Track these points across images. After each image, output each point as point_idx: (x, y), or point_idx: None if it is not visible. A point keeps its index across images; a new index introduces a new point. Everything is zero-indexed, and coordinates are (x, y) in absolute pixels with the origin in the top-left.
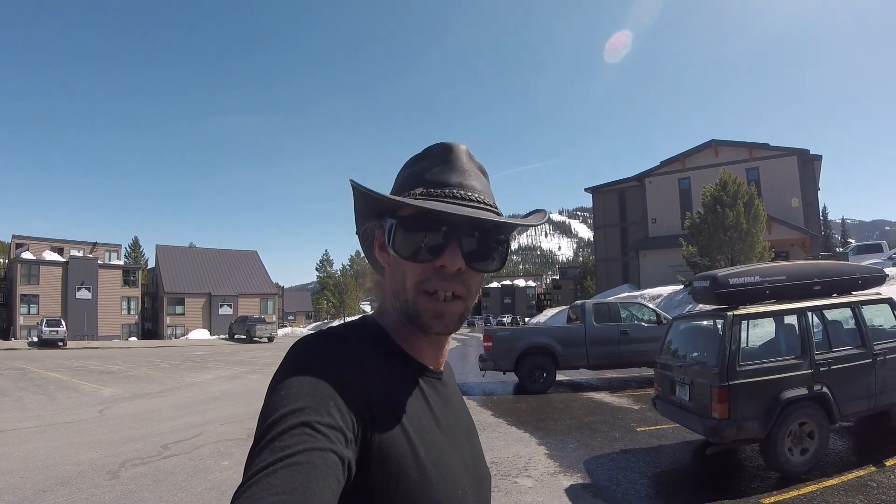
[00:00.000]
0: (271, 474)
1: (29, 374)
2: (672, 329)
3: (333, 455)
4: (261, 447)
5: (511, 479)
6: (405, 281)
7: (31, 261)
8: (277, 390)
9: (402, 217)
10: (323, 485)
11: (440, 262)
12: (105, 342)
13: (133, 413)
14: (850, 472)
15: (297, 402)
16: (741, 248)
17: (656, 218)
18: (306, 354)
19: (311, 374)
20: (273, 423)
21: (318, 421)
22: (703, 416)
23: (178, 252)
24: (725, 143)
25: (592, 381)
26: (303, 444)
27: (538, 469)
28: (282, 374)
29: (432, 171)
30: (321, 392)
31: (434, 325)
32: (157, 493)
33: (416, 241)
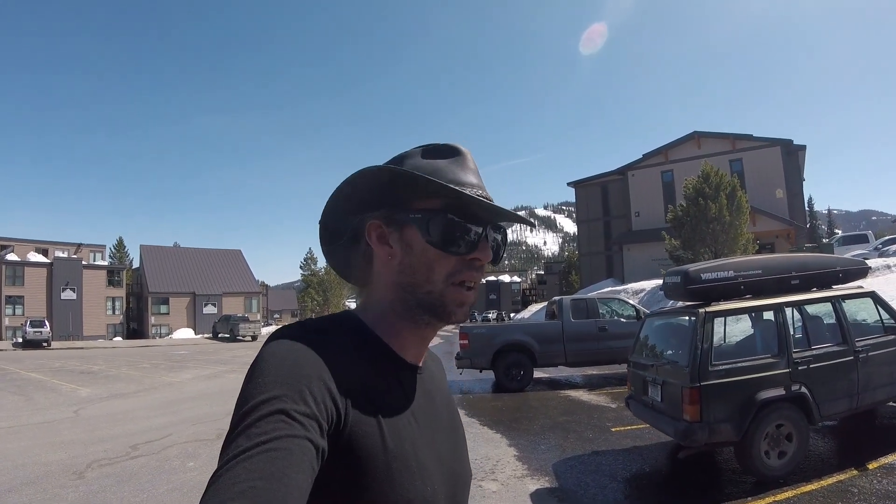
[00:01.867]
0: (247, 459)
1: (9, 375)
2: (645, 326)
3: (308, 443)
4: (237, 433)
5: (476, 483)
6: (431, 272)
7: (16, 262)
8: (254, 378)
9: (437, 210)
10: (298, 471)
11: (475, 255)
12: (89, 342)
13: (107, 413)
14: (830, 475)
15: (273, 391)
16: (725, 241)
17: (639, 211)
18: (283, 344)
19: (287, 364)
20: (249, 411)
21: (294, 409)
22: (675, 417)
23: (162, 252)
24: (708, 135)
25: (572, 379)
26: (279, 430)
27: (505, 472)
28: (258, 363)
29: (454, 171)
30: (297, 381)
31: (458, 313)
32: (119, 493)
33: (458, 234)
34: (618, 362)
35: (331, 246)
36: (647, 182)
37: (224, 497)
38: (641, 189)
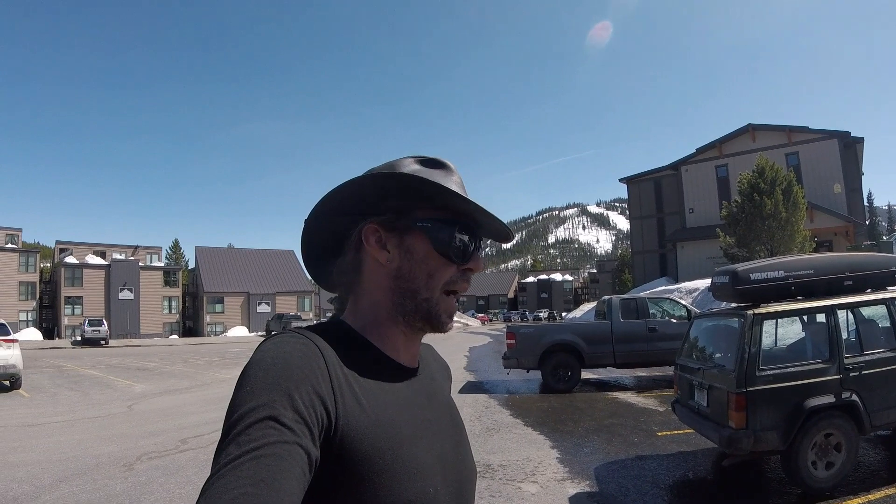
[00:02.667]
0: (238, 467)
1: (67, 372)
2: (693, 328)
3: (299, 448)
4: (227, 441)
5: (515, 485)
6: (431, 279)
7: (75, 264)
8: (244, 385)
9: (448, 220)
10: (289, 477)
11: (470, 265)
12: (146, 340)
13: (160, 408)
14: (879, 489)
15: (263, 397)
16: (781, 238)
17: (693, 208)
18: (273, 350)
19: (276, 370)
20: (239, 418)
21: (284, 415)
22: (720, 424)
23: (217, 253)
24: (763, 128)
25: (621, 380)
26: (269, 437)
27: (546, 475)
28: (248, 370)
29: (448, 183)
30: (287, 387)
31: (448, 322)
32: (166, 485)
33: (462, 245)
34: (668, 364)
35: (315, 250)
36: (701, 177)
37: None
38: (695, 184)
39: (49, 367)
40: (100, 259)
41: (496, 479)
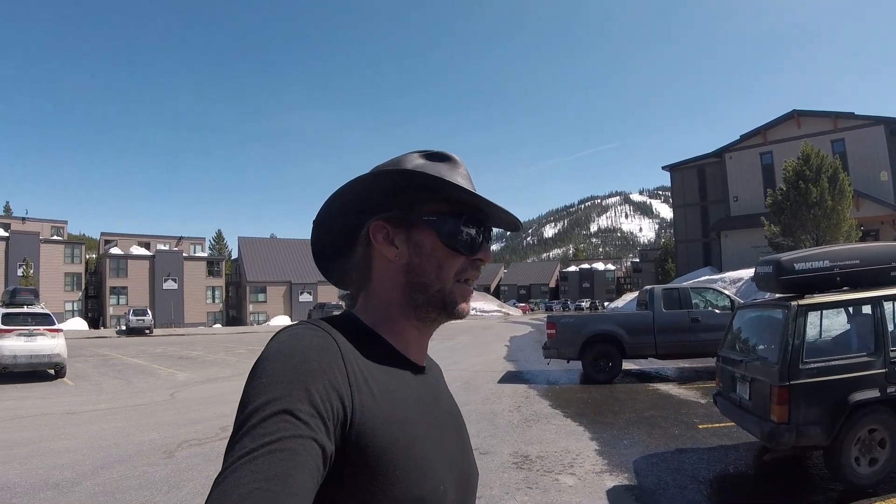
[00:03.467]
0: (252, 461)
1: (111, 361)
2: (736, 318)
3: (314, 443)
4: (241, 434)
5: (553, 476)
6: (441, 271)
7: (119, 255)
8: (258, 377)
9: (454, 213)
10: (303, 472)
11: (479, 256)
12: (190, 329)
13: (202, 396)
14: None
15: (277, 390)
16: (826, 227)
17: (738, 196)
18: (289, 343)
19: (292, 363)
20: (255, 410)
21: (300, 409)
22: (762, 417)
23: (259, 243)
24: (808, 114)
25: (663, 371)
26: (283, 431)
27: (584, 467)
28: (263, 362)
29: (454, 176)
30: (302, 380)
31: (464, 309)
32: (205, 472)
33: (469, 236)
34: (710, 355)
35: (326, 247)
36: (745, 164)
37: (229, 499)
38: (740, 172)
39: (93, 356)
40: (144, 250)
41: (534, 470)
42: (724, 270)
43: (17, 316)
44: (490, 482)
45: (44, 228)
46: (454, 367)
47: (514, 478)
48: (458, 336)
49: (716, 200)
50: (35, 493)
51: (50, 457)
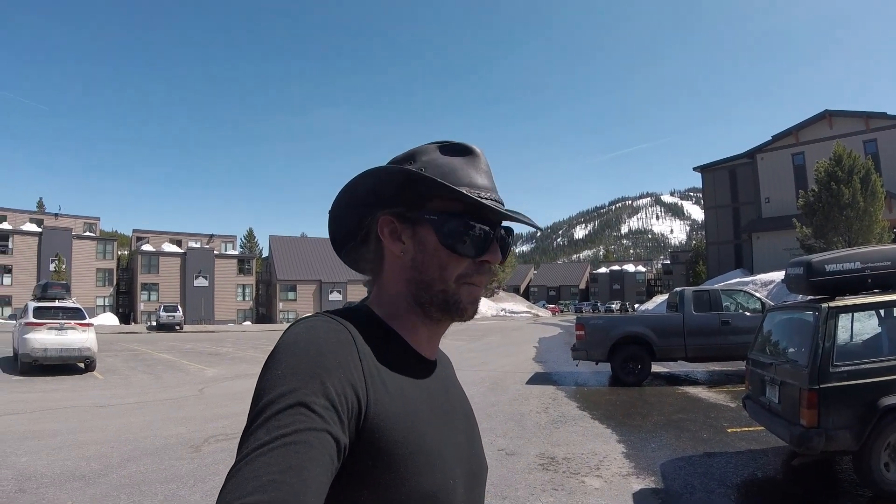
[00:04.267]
0: (266, 453)
1: (141, 355)
2: (766, 321)
3: (328, 436)
4: (256, 426)
5: (579, 478)
6: (444, 271)
7: (151, 252)
8: (272, 369)
9: (451, 213)
10: (317, 465)
11: (485, 258)
12: (220, 326)
13: (230, 392)
14: None
15: (292, 382)
16: (858, 229)
17: (769, 197)
18: (303, 335)
19: (307, 355)
20: (269, 402)
21: (315, 401)
22: (791, 421)
23: (290, 242)
24: (840, 114)
25: (692, 374)
26: (298, 423)
27: (610, 469)
28: (277, 354)
29: (468, 173)
30: (317, 373)
31: (469, 309)
32: None
33: (472, 236)
34: (740, 358)
35: (340, 238)
36: (777, 165)
37: (243, 491)
38: (771, 173)
39: (124, 351)
40: (175, 247)
41: (560, 472)
42: (756, 273)
43: (48, 310)
44: (516, 483)
45: (76, 224)
46: (483, 368)
47: (540, 479)
48: (486, 336)
49: (747, 202)
50: (62, 484)
51: (77, 448)
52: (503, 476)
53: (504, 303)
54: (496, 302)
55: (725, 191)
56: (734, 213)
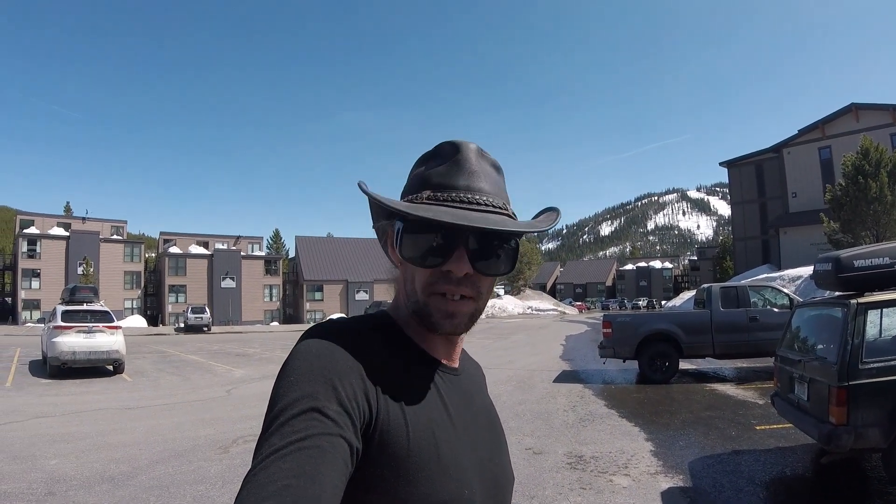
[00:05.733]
0: (282, 458)
1: (169, 357)
2: (795, 317)
3: (342, 441)
4: (271, 432)
5: (607, 477)
6: (413, 283)
7: (178, 254)
8: (287, 375)
9: (408, 221)
10: (332, 469)
11: (446, 268)
12: (247, 327)
13: (258, 393)
14: None
15: (306, 388)
16: (887, 223)
17: (796, 192)
18: (317, 341)
19: (321, 361)
20: (284, 408)
21: (329, 407)
22: (820, 419)
23: (316, 242)
24: (867, 107)
25: (720, 371)
26: (313, 428)
27: (638, 467)
28: (292, 360)
29: (440, 173)
30: (330, 378)
31: (445, 324)
32: None
33: (422, 246)
34: (769, 355)
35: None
36: (803, 160)
37: (259, 496)
38: (798, 167)
39: (152, 353)
40: (202, 249)
41: (588, 470)
42: (783, 268)
43: (76, 313)
44: (544, 482)
45: (104, 228)
46: (509, 367)
47: (568, 478)
48: (513, 335)
49: (774, 197)
50: (91, 487)
51: (106, 451)
52: (531, 475)
53: (530, 300)
54: (522, 300)
55: (752, 186)
56: (761, 209)
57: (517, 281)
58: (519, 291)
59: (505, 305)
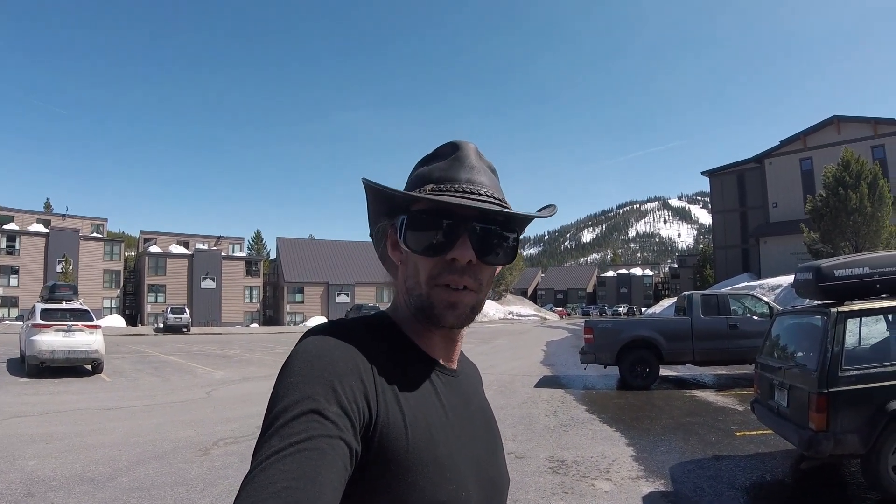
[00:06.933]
0: (281, 460)
1: (148, 358)
2: (775, 325)
3: (342, 442)
4: (270, 433)
5: (589, 482)
6: (418, 275)
7: (158, 254)
8: (286, 377)
9: (413, 213)
10: (331, 471)
11: (451, 255)
12: (227, 328)
13: (238, 395)
14: None
15: (306, 390)
16: (866, 234)
17: (777, 202)
18: (316, 343)
19: (320, 363)
20: (283, 410)
21: (328, 409)
22: (800, 425)
23: (297, 244)
24: (848, 119)
25: (700, 378)
26: (312, 430)
27: (620, 472)
28: (291, 362)
29: (441, 169)
30: (329, 380)
31: (447, 315)
32: (241, 470)
33: (427, 236)
34: (749, 362)
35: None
36: (785, 170)
37: (258, 498)
38: (779, 178)
39: (131, 353)
40: (183, 249)
41: (569, 475)
42: (763, 277)
43: (55, 311)
44: (526, 486)
45: (84, 225)
46: (491, 371)
47: (550, 482)
48: (494, 339)
49: (755, 206)
50: (71, 488)
51: (86, 451)
52: (513, 479)
53: (511, 306)
54: (503, 305)
55: (733, 195)
56: (742, 218)
57: (498, 286)
58: (500, 296)
59: (486, 310)
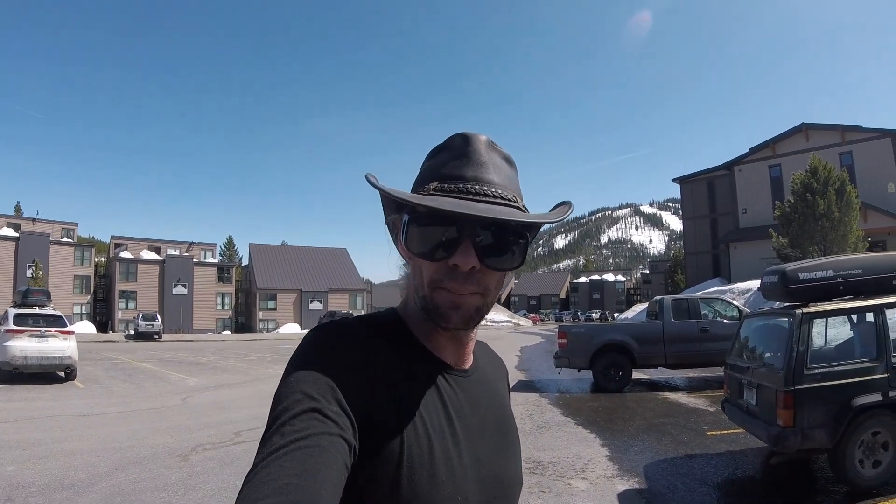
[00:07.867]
0: (282, 457)
1: (121, 365)
2: (743, 327)
3: (341, 440)
4: (272, 431)
5: (565, 481)
6: (421, 277)
7: (130, 259)
8: (289, 376)
9: (415, 213)
10: (332, 468)
11: (452, 261)
12: (199, 335)
13: (213, 401)
14: None
15: (307, 389)
16: (834, 238)
17: (747, 208)
18: (319, 342)
19: (321, 363)
20: (284, 409)
21: (328, 407)
22: (768, 422)
23: (270, 250)
24: (816, 127)
25: (672, 381)
26: (313, 428)
27: (595, 472)
28: (294, 362)
29: (448, 165)
30: (331, 379)
31: (452, 316)
32: (220, 475)
33: (428, 239)
34: (719, 364)
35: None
36: (754, 177)
37: (260, 494)
38: (748, 184)
39: (103, 360)
40: (154, 254)
41: (546, 475)
42: (733, 282)
43: (28, 317)
44: None
45: (54, 230)
46: None
47: (528, 482)
48: None
49: (725, 212)
50: (51, 493)
51: (64, 458)
52: None
53: None
54: None
55: (703, 202)
56: (712, 224)
57: None
58: None
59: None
